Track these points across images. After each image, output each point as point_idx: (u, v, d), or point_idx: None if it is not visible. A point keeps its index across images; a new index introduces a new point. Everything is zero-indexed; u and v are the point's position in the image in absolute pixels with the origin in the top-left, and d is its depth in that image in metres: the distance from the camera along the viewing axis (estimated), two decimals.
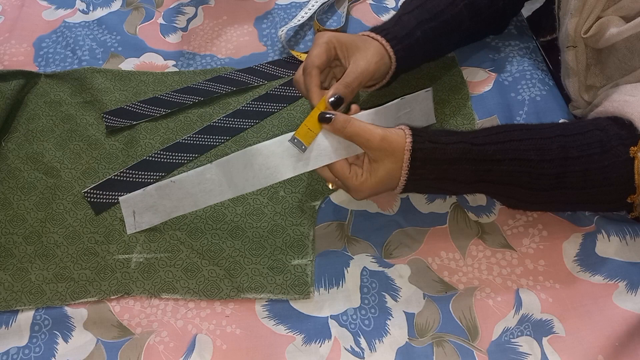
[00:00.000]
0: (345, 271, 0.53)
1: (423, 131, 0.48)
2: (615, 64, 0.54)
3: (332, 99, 0.50)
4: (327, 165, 0.49)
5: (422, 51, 0.58)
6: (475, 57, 0.70)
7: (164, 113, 0.66)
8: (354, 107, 0.51)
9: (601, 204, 0.50)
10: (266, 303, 0.52)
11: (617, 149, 0.45)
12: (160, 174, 0.61)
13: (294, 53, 0.71)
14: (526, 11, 0.81)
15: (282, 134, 0.63)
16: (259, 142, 0.63)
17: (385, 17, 0.76)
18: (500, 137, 0.48)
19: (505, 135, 0.48)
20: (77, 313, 0.52)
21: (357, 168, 0.49)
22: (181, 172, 0.61)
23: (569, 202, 0.51)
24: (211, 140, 0.63)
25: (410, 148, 0.47)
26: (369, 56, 0.53)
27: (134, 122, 0.65)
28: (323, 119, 0.48)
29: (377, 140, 0.47)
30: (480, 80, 0.67)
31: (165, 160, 0.61)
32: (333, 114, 0.48)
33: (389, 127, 0.49)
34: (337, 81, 0.52)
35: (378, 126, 0.48)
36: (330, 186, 0.53)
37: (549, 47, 0.71)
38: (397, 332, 0.50)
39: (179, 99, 0.67)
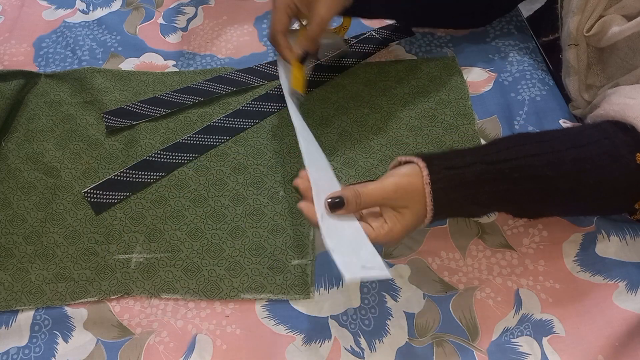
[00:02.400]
0: None
1: (435, 158, 0.46)
2: (616, 62, 0.54)
3: (299, 53, 0.55)
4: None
5: None
6: (475, 57, 0.70)
7: (164, 113, 0.66)
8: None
9: (607, 209, 0.51)
10: (266, 303, 0.52)
11: (626, 158, 0.45)
12: (160, 174, 0.61)
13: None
14: (526, 11, 0.81)
15: (282, 134, 0.64)
16: (259, 142, 0.63)
17: None
18: (512, 152, 0.46)
19: (518, 150, 0.46)
20: (77, 313, 0.52)
21: (374, 220, 0.45)
22: (181, 172, 0.61)
23: (577, 210, 0.51)
24: (211, 140, 0.63)
25: (429, 181, 0.44)
26: (328, 1, 0.54)
27: (134, 122, 0.65)
28: (335, 207, 0.44)
29: (392, 194, 0.44)
30: (480, 80, 0.67)
31: (165, 160, 0.61)
32: (340, 197, 0.44)
33: None
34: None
35: (386, 177, 0.45)
36: None
37: (550, 47, 0.71)
38: (397, 332, 0.50)
39: (179, 99, 0.67)
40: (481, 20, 0.71)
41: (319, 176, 0.46)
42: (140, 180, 0.60)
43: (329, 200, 0.44)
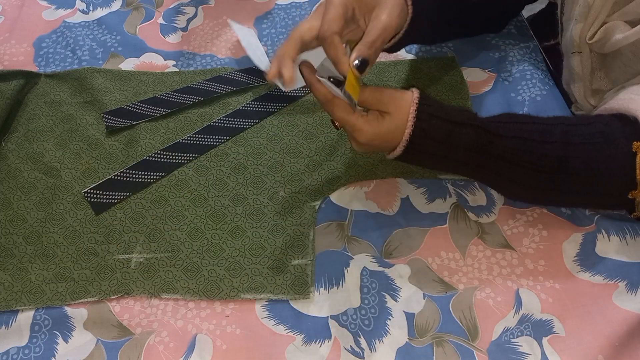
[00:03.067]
0: (345, 271, 0.53)
1: (432, 96, 0.49)
2: (620, 67, 0.54)
3: (357, 62, 0.45)
4: (333, 103, 0.46)
5: (433, 15, 0.55)
6: (475, 57, 0.70)
7: (164, 113, 0.66)
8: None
9: (603, 196, 0.49)
10: (266, 303, 0.52)
11: (620, 141, 0.46)
12: (160, 174, 0.61)
13: None
14: (527, 12, 0.81)
15: (282, 134, 0.64)
16: (259, 142, 0.63)
17: None
18: (503, 117, 0.49)
19: (509, 117, 0.49)
20: (77, 313, 0.52)
21: (362, 113, 0.48)
22: (181, 172, 0.61)
23: (570, 191, 0.48)
24: (211, 140, 0.63)
25: (417, 102, 0.46)
26: (390, 8, 0.47)
27: (134, 122, 0.65)
28: (362, 67, 0.45)
29: (387, 94, 0.47)
30: (480, 80, 0.67)
31: (165, 160, 0.61)
32: (366, 59, 0.45)
33: None
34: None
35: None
36: (335, 126, 0.50)
37: (551, 51, 0.71)
38: (397, 332, 0.50)
39: (179, 99, 0.67)
40: (495, 27, 0.71)
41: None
42: (140, 180, 0.60)
43: (356, 62, 0.45)
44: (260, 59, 0.69)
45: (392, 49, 0.55)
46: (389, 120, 0.47)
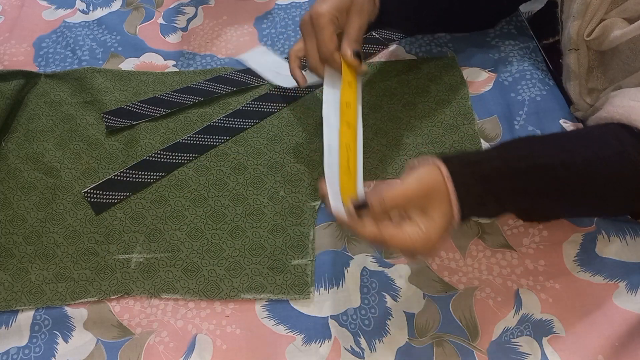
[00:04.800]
0: (345, 271, 0.53)
1: (451, 156, 0.45)
2: (618, 65, 0.54)
3: (355, 53, 0.51)
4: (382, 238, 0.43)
5: (406, 10, 0.59)
6: (475, 57, 0.70)
7: (164, 113, 0.66)
8: None
9: (614, 209, 0.51)
10: (266, 303, 0.52)
11: (636, 160, 0.45)
12: (160, 174, 0.61)
13: None
14: (526, 12, 0.81)
15: (282, 134, 0.64)
16: (259, 142, 0.63)
17: None
18: (526, 150, 0.46)
19: (532, 148, 0.46)
20: (77, 313, 0.52)
21: (409, 225, 0.43)
22: (181, 172, 0.61)
23: (586, 210, 0.51)
24: (211, 140, 0.63)
25: (449, 175, 0.43)
26: (360, 5, 0.53)
27: (134, 122, 0.65)
28: (359, 207, 0.43)
29: (416, 193, 0.43)
30: (480, 80, 0.67)
31: (165, 160, 0.61)
32: (364, 203, 0.43)
33: None
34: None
35: (406, 177, 0.44)
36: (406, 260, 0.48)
37: (551, 50, 0.71)
38: (397, 332, 0.50)
39: (179, 99, 0.67)
40: (487, 23, 0.71)
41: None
42: (140, 180, 0.60)
43: (354, 204, 0.44)
44: (282, 76, 0.64)
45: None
46: (438, 216, 0.43)
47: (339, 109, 0.53)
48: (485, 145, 0.61)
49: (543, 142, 0.47)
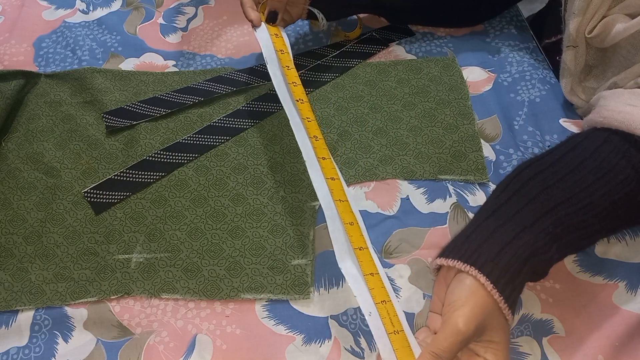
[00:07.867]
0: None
1: (476, 254, 0.42)
2: (619, 61, 0.54)
3: (268, 15, 0.63)
4: None
5: None
6: (475, 57, 0.70)
7: (164, 113, 0.66)
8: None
9: (634, 222, 0.51)
10: (266, 303, 0.52)
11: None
12: (160, 174, 0.61)
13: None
14: (527, 11, 0.81)
15: (282, 134, 0.64)
16: (259, 142, 0.63)
17: None
18: (540, 205, 0.44)
19: (545, 200, 0.44)
20: (77, 313, 0.52)
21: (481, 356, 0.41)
22: (181, 172, 0.61)
23: (611, 232, 0.51)
24: (211, 140, 0.63)
25: (493, 287, 0.40)
26: None
27: (134, 122, 0.65)
28: None
29: (471, 331, 0.39)
30: (480, 80, 0.67)
31: (165, 160, 0.61)
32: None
33: None
34: None
35: (450, 313, 0.40)
36: None
37: (553, 49, 0.71)
38: None
39: (179, 99, 0.67)
40: (475, 18, 0.72)
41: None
42: (140, 180, 0.60)
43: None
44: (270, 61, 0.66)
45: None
46: (500, 338, 0.41)
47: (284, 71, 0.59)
48: (485, 145, 0.61)
49: (551, 184, 0.44)
